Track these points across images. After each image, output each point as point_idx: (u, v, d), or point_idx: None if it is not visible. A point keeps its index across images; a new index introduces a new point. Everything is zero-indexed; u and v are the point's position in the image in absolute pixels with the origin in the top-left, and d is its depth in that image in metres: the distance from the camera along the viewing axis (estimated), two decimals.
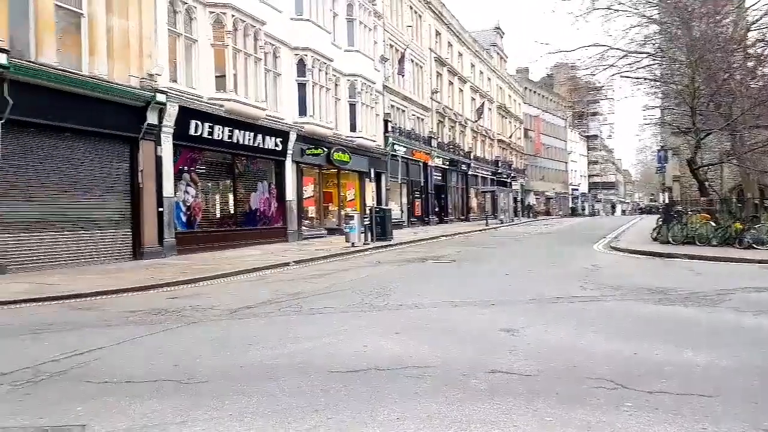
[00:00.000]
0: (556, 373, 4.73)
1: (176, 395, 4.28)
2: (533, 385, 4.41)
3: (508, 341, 5.87)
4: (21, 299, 9.17)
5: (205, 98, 17.54)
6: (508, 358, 5.19)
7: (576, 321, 6.93)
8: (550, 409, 3.89)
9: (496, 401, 4.04)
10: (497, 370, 4.79)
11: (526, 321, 6.84)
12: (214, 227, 18.87)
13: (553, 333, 6.25)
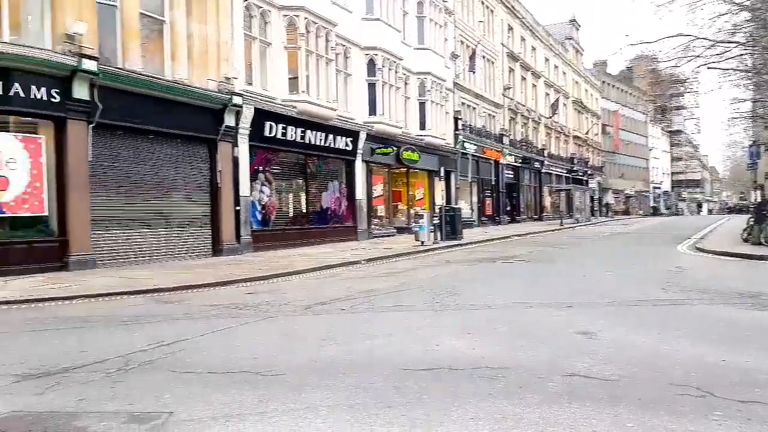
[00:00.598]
0: (638, 379, 4.52)
1: (255, 386, 4.42)
2: (613, 390, 4.23)
3: (586, 344, 5.67)
4: (111, 292, 9.78)
5: (279, 100, 18.04)
6: (586, 361, 5.01)
7: (659, 325, 6.60)
8: (632, 415, 3.73)
9: (575, 405, 3.91)
10: (575, 374, 4.64)
11: (605, 324, 6.58)
12: (287, 225, 19.39)
13: (633, 337, 5.98)
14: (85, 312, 8.18)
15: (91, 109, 12.59)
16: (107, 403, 4.09)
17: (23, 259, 11.82)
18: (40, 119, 12.25)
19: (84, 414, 3.86)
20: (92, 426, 3.63)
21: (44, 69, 11.79)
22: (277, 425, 3.64)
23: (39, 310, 8.49)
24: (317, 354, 5.44)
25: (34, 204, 12.02)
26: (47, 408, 3.97)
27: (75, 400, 4.15)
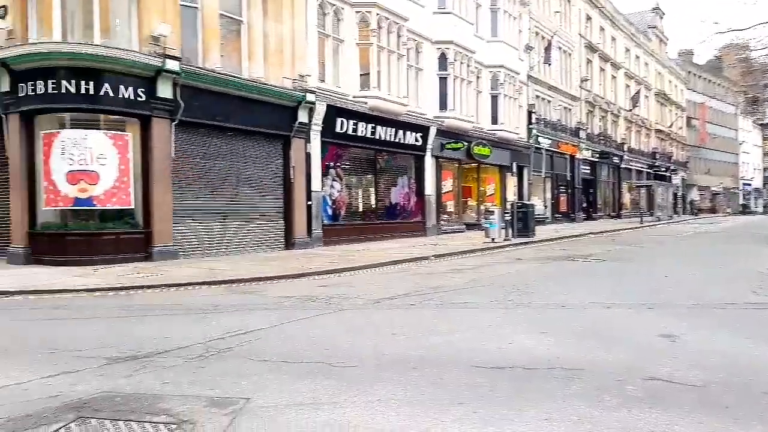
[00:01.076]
0: (726, 386, 4.25)
1: (328, 377, 4.50)
2: (699, 397, 4.00)
3: (667, 347, 5.39)
4: (192, 282, 10.26)
5: (350, 96, 18.25)
6: (668, 365, 4.76)
7: (749, 329, 6.18)
8: (720, 423, 3.51)
9: (656, 410, 3.72)
10: (656, 378, 4.42)
11: (689, 327, 6.23)
12: (356, 220, 19.63)
13: (720, 341, 5.64)
14: (168, 300, 8.62)
15: (173, 108, 13.23)
16: (189, 387, 4.28)
17: (111, 249, 12.59)
18: (127, 117, 12.98)
19: (168, 396, 4.06)
20: (175, 408, 3.82)
21: (131, 70, 12.49)
22: (349, 416, 3.69)
23: (126, 297, 9.02)
24: (388, 348, 5.46)
25: (122, 197, 12.77)
26: (135, 390, 4.22)
27: (160, 383, 4.38)
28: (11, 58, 12.06)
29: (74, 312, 7.80)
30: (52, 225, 12.72)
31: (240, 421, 3.61)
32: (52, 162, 12.29)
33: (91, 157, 12.32)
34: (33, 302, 8.60)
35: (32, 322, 7.18)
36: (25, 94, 12.24)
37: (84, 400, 3.99)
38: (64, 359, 5.09)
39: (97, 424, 3.54)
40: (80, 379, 4.47)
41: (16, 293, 9.16)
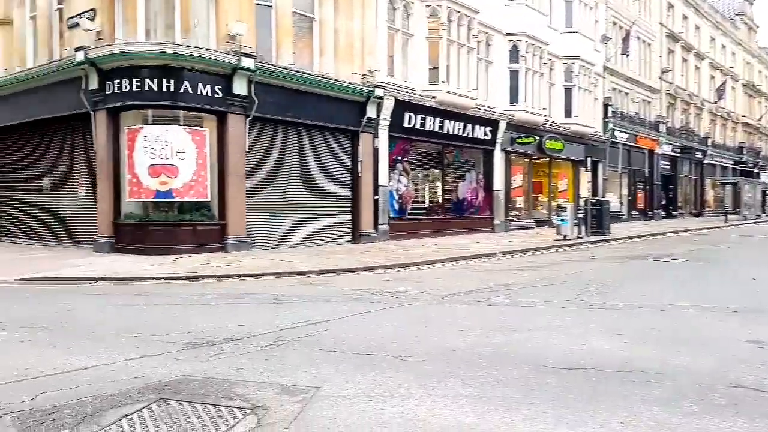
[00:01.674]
0: None
1: (396, 370, 4.51)
2: None
3: (756, 354, 5.05)
4: (263, 273, 10.57)
5: (419, 90, 18.19)
6: (756, 373, 4.45)
7: None
8: None
9: (741, 419, 3.50)
10: (742, 385, 4.15)
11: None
12: (422, 215, 19.57)
13: None
14: (241, 290, 8.92)
15: (248, 104, 13.64)
16: (261, 373, 4.41)
17: (188, 239, 13.17)
18: (205, 113, 13.50)
19: (242, 382, 4.20)
20: (249, 394, 3.94)
21: (209, 68, 12.97)
22: (418, 410, 3.68)
23: (202, 286, 9.41)
24: (455, 343, 5.41)
25: (199, 190, 13.32)
26: (211, 374, 4.39)
27: (234, 369, 4.54)
28: (99, 58, 12.80)
29: (155, 298, 8.21)
30: (135, 216, 13.44)
31: (310, 409, 3.68)
32: (136, 156, 12.98)
33: (171, 151, 12.92)
34: (117, 288, 9.13)
35: (117, 307, 7.62)
36: (112, 92, 12.98)
37: (164, 382, 4.19)
38: (146, 343, 5.36)
39: (177, 406, 3.71)
40: (161, 363, 4.70)
41: (102, 280, 9.75)
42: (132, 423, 3.43)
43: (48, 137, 15.58)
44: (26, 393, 3.91)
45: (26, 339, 5.55)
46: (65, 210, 15.32)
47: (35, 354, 4.98)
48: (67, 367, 4.54)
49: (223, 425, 3.42)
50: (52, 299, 8.13)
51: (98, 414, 3.57)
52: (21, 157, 16.64)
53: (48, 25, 15.29)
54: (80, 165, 14.66)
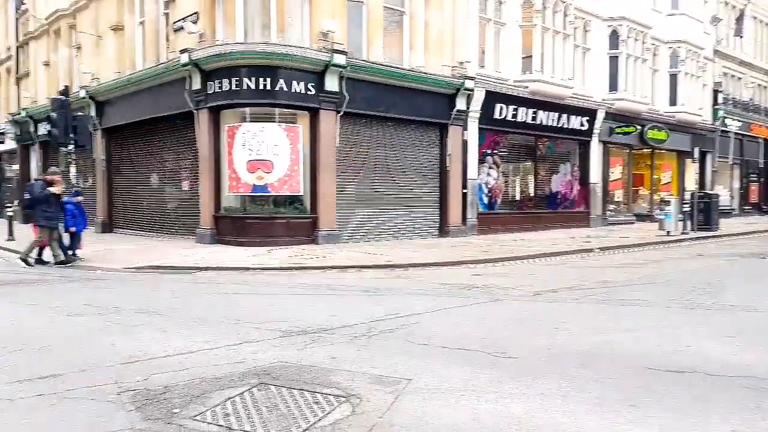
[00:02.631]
0: None
1: (488, 366, 4.43)
2: None
3: None
4: (354, 265, 10.76)
5: (511, 81, 17.75)
6: None
7: None
8: None
9: None
10: None
11: None
12: (513, 209, 19.12)
13: None
14: (332, 281, 9.13)
15: (339, 100, 13.92)
16: (354, 363, 4.49)
17: (282, 232, 13.67)
18: (298, 110, 13.92)
19: (336, 371, 4.29)
20: (343, 382, 4.02)
21: (303, 65, 13.35)
22: (511, 407, 3.60)
23: (295, 276, 9.74)
24: (550, 341, 5.24)
25: (293, 185, 13.77)
26: (307, 362, 4.52)
27: (328, 357, 4.65)
28: (201, 59, 13.54)
29: (252, 287, 8.59)
30: (234, 209, 14.13)
31: (403, 400, 3.70)
32: (235, 152, 13.63)
33: (267, 147, 13.45)
34: (219, 277, 9.65)
35: (219, 295, 8.04)
36: (213, 91, 13.69)
37: (264, 367, 4.37)
38: (246, 329, 5.62)
39: (276, 391, 3.85)
40: (260, 349, 4.90)
41: (205, 269, 10.34)
42: (235, 405, 3.61)
43: (156, 135, 16.73)
44: (140, 373, 4.22)
45: (138, 323, 6.00)
46: (171, 203, 16.39)
47: (147, 337, 5.36)
48: (176, 351, 4.85)
49: (319, 411, 3.51)
50: (160, 286, 8.72)
51: (204, 395, 3.78)
52: (132, 154, 17.98)
53: (155, 29, 16.38)
54: (184, 161, 15.62)
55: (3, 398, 3.71)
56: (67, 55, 20.98)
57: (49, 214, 10.64)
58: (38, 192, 10.63)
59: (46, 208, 10.62)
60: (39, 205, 10.62)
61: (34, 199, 10.67)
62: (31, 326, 5.86)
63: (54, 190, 10.76)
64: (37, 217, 10.76)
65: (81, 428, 3.26)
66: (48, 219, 10.63)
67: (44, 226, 10.65)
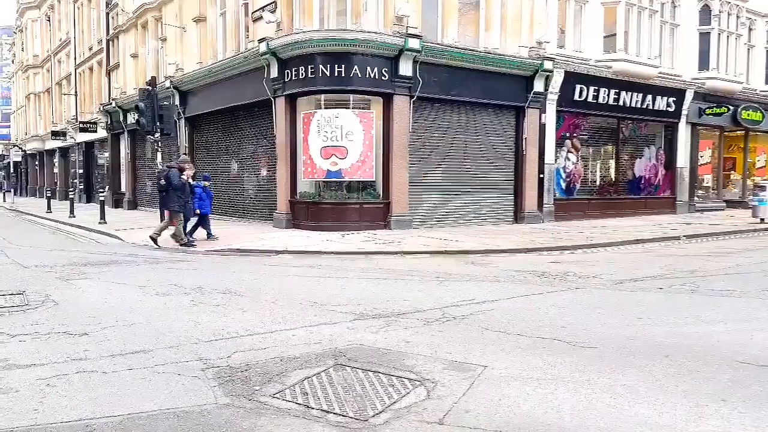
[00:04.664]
0: None
1: (566, 355, 4.30)
2: None
3: None
4: (426, 251, 10.73)
5: (592, 61, 16.99)
6: None
7: None
8: None
9: None
10: None
11: None
12: (592, 195, 18.40)
13: None
14: (404, 266, 9.15)
15: (412, 84, 13.83)
16: (428, 348, 4.48)
17: (355, 217, 13.81)
18: (372, 96, 13.95)
19: (411, 354, 4.30)
20: (418, 366, 4.03)
21: (377, 51, 13.34)
22: (591, 397, 3.48)
23: (368, 260, 9.82)
24: (632, 332, 5.01)
25: (366, 170, 13.87)
26: (381, 345, 4.56)
27: (402, 341, 4.67)
28: (279, 48, 13.82)
29: (327, 271, 8.76)
30: (309, 194, 14.43)
31: (479, 386, 3.66)
32: (310, 139, 13.88)
33: (341, 133, 13.60)
34: (295, 260, 9.89)
35: (295, 278, 8.25)
36: (290, 79, 13.96)
37: (340, 349, 4.44)
38: (322, 311, 5.74)
39: (352, 372, 3.91)
40: (335, 331, 4.99)
41: (282, 252, 10.64)
42: (312, 385, 3.69)
43: (235, 123, 17.31)
44: (223, 351, 4.40)
45: (221, 303, 6.26)
46: (250, 189, 16.95)
47: (229, 317, 5.59)
48: (255, 330, 5.02)
49: (394, 394, 3.53)
50: (240, 268, 9.06)
51: (283, 374, 3.89)
52: (213, 142, 18.71)
53: (235, 20, 16.87)
54: (262, 148, 16.08)
55: (98, 371, 3.98)
56: (154, 47, 22.06)
57: (183, 200, 11.31)
58: (176, 180, 11.26)
59: (181, 195, 11.29)
60: (174, 191, 11.27)
61: (171, 185, 11.32)
62: (122, 304, 6.25)
63: (186, 176, 11.39)
64: (171, 202, 11.40)
65: (169, 402, 3.45)
66: (181, 205, 11.31)
67: (176, 210, 11.31)
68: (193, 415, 3.24)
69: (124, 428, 3.10)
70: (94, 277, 8.06)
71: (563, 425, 3.11)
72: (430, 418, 3.21)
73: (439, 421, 3.17)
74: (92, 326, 5.17)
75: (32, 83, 42.17)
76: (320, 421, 3.17)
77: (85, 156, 31.87)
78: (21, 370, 4.00)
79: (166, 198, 11.49)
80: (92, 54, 29.20)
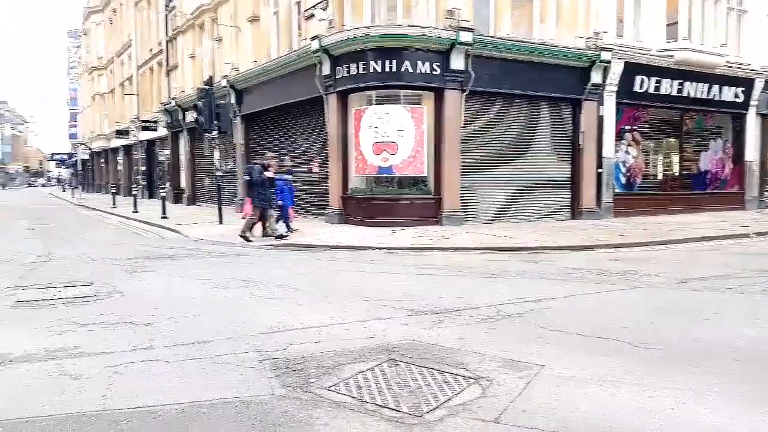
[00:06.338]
0: None
1: (629, 356, 4.16)
2: None
3: None
4: (479, 247, 10.60)
5: (653, 51, 16.33)
6: None
7: None
8: None
9: None
10: None
11: None
12: (654, 190, 17.76)
13: None
14: (457, 262, 9.07)
15: (464, 78, 13.67)
16: (483, 345, 4.41)
17: (406, 213, 13.79)
18: (423, 91, 13.88)
19: (464, 352, 4.25)
20: (472, 364, 3.97)
21: (428, 45, 13.26)
22: (653, 401, 3.34)
23: (420, 256, 9.80)
24: (699, 334, 4.79)
25: (416, 166, 13.82)
26: (435, 341, 4.53)
27: (456, 338, 4.62)
28: (331, 45, 13.93)
29: (379, 266, 8.78)
30: (360, 190, 14.51)
31: (535, 386, 3.58)
32: (361, 135, 13.95)
33: (392, 129, 13.61)
34: (347, 255, 9.97)
35: (348, 273, 8.32)
36: (341, 76, 14.06)
37: (393, 344, 4.44)
38: (375, 306, 5.76)
39: (405, 368, 3.90)
40: (388, 326, 4.99)
41: (334, 247, 10.75)
42: (366, 379, 3.70)
43: (288, 120, 17.58)
44: (279, 344, 4.48)
45: (277, 296, 6.38)
46: (302, 184, 17.18)
47: (285, 310, 5.68)
48: (310, 324, 5.09)
49: (449, 391, 3.50)
50: (294, 262, 9.20)
51: (338, 367, 3.92)
52: (267, 139, 19.07)
53: (288, 19, 17.13)
54: (314, 144, 16.28)
55: (162, 360, 4.13)
56: (210, 47, 22.68)
57: (264, 195, 11.67)
58: (257, 176, 11.64)
59: (261, 190, 11.66)
60: (256, 187, 11.65)
61: (252, 181, 11.70)
62: (183, 296, 6.46)
63: (269, 173, 11.74)
64: (253, 197, 11.79)
65: (228, 391, 3.53)
66: (262, 200, 11.67)
67: (258, 206, 11.68)
68: (252, 405, 3.31)
69: (186, 416, 3.19)
70: (157, 269, 8.37)
71: (623, 429, 3.00)
72: (485, 416, 3.16)
73: (495, 419, 3.11)
74: (156, 317, 5.36)
75: (97, 84, 44.22)
76: (375, 416, 3.17)
77: (146, 153, 33.15)
78: (90, 358, 4.19)
79: (251, 193, 11.82)
80: (152, 55, 30.31)
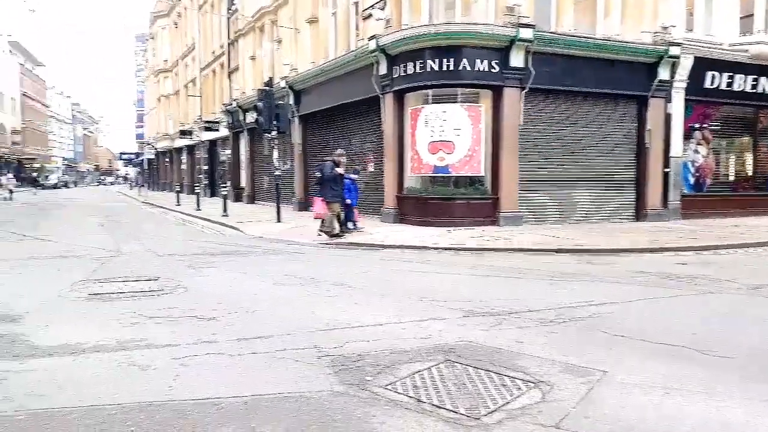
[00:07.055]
0: None
1: (697, 364, 3.97)
2: None
3: None
4: (539, 249, 10.37)
5: (726, 45, 15.53)
6: None
7: None
8: None
9: None
10: None
11: None
12: (726, 191, 16.87)
13: None
14: (515, 264, 8.90)
15: (524, 76, 13.41)
16: (542, 349, 4.32)
17: (462, 213, 13.65)
18: (481, 89, 13.71)
19: (523, 355, 4.18)
20: (531, 368, 3.89)
21: (487, 42, 13.09)
22: (724, 411, 3.19)
23: (476, 257, 9.68)
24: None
25: (473, 165, 13.67)
26: (492, 344, 4.46)
27: (513, 341, 4.54)
28: (388, 45, 13.97)
29: (435, 266, 8.74)
30: (416, 189, 14.48)
31: (597, 392, 3.47)
32: (417, 134, 13.92)
33: (448, 128, 13.52)
34: (403, 255, 9.97)
35: (403, 272, 8.32)
36: (398, 75, 14.07)
37: (450, 345, 4.41)
38: (432, 306, 5.73)
39: (462, 369, 3.86)
40: (445, 327, 4.96)
41: (390, 247, 10.78)
42: (423, 379, 3.69)
43: (345, 120, 17.76)
44: (336, 341, 4.53)
45: (334, 294, 6.45)
46: (358, 184, 17.28)
47: (341, 308, 5.74)
48: (367, 322, 5.12)
49: (507, 394, 3.44)
50: (351, 261, 9.29)
51: (394, 366, 3.93)
52: (324, 138, 19.32)
53: (346, 19, 17.30)
54: (370, 144, 16.37)
55: (225, 353, 4.25)
56: (270, 48, 23.20)
57: (335, 192, 11.93)
58: (328, 172, 11.92)
59: (333, 186, 11.92)
60: (328, 182, 11.91)
61: (324, 177, 11.98)
62: (244, 292, 6.63)
63: (340, 170, 12.01)
64: (325, 193, 12.06)
65: (288, 386, 3.60)
66: (334, 196, 11.92)
67: (331, 201, 11.95)
68: (311, 401, 3.36)
69: (248, 409, 3.28)
70: (219, 266, 8.64)
71: None
72: (545, 421, 3.09)
73: (556, 425, 3.04)
74: (218, 311, 5.53)
75: (162, 86, 46.08)
76: (432, 416, 3.16)
77: (209, 153, 34.26)
78: (157, 350, 4.36)
79: (323, 189, 12.06)
80: (215, 57, 31.29)
